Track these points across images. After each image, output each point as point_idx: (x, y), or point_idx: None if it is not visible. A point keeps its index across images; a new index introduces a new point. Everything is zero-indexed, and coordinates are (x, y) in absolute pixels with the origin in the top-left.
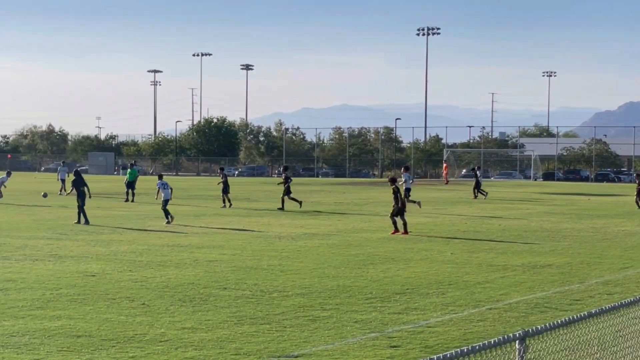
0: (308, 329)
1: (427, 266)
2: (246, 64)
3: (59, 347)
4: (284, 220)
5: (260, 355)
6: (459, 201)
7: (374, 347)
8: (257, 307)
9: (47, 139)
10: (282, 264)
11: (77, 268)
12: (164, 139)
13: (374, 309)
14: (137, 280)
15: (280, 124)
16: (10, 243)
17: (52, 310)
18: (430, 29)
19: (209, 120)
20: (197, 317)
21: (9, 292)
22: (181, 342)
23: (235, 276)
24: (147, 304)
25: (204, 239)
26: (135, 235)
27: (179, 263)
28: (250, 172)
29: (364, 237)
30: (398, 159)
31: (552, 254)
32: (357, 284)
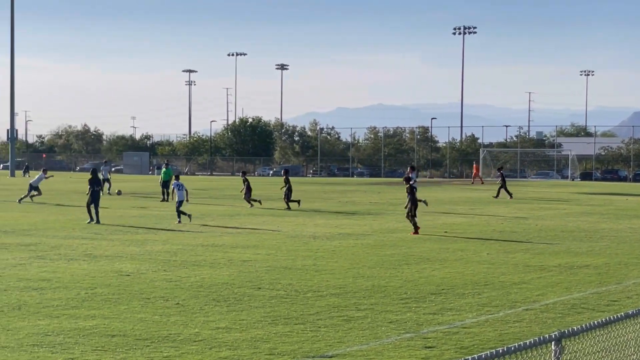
0: (342, 329)
1: (462, 266)
2: (281, 64)
3: (94, 346)
4: (319, 220)
5: (294, 356)
6: (494, 201)
7: (408, 348)
8: (292, 307)
9: (82, 138)
10: (316, 264)
11: (112, 267)
12: (199, 139)
13: (409, 310)
14: (171, 280)
15: (315, 124)
16: (45, 242)
17: (87, 310)
18: (466, 28)
19: (244, 120)
20: (231, 316)
21: (44, 292)
22: (215, 342)
23: (269, 276)
24: (181, 304)
25: (238, 238)
26: (169, 235)
27: (213, 263)
28: None
29: (399, 237)
30: (434, 159)
31: (590, 254)
32: (392, 284)
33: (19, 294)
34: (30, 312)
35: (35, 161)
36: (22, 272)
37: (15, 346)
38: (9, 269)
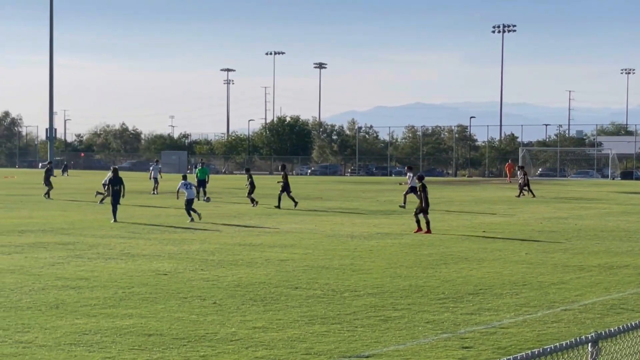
0: (379, 329)
1: (500, 266)
2: (319, 63)
3: (131, 345)
4: (357, 219)
5: (330, 355)
6: (533, 201)
7: (445, 348)
8: (329, 306)
9: (120, 137)
10: (353, 263)
11: (149, 267)
12: (237, 138)
13: (446, 310)
14: (208, 279)
15: (353, 123)
16: (83, 241)
17: (124, 309)
18: (506, 26)
19: (282, 119)
20: (268, 316)
21: (82, 290)
22: (252, 342)
23: (306, 275)
24: (218, 303)
25: (276, 238)
26: (207, 234)
27: (251, 262)
28: (323, 171)
29: (436, 237)
30: (473, 158)
31: (630, 254)
32: (429, 284)
33: (56, 293)
34: (68, 311)
35: (74, 160)
36: (60, 271)
37: (53, 345)
38: (47, 267)
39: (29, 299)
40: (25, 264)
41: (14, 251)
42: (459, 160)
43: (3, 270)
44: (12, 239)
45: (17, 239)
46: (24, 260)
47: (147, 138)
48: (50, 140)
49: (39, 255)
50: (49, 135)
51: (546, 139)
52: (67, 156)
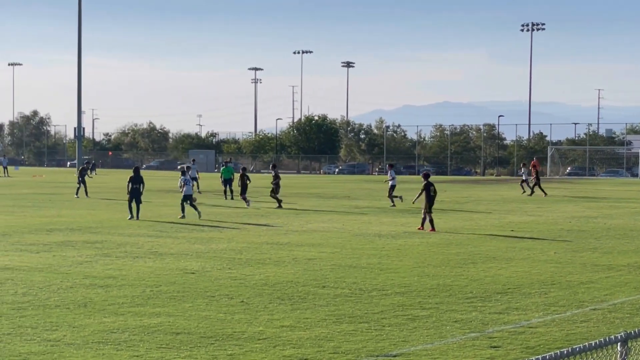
0: (407, 328)
1: (529, 265)
2: (347, 61)
3: (158, 344)
4: (384, 218)
5: (358, 354)
6: (562, 200)
7: (474, 347)
8: (356, 305)
9: (148, 136)
10: (381, 262)
11: (177, 265)
12: (265, 137)
13: (474, 309)
14: (236, 278)
15: (381, 122)
16: (111, 240)
17: (152, 307)
18: (534, 25)
19: (310, 118)
20: (295, 315)
21: (110, 289)
22: (279, 340)
23: (334, 274)
24: (246, 302)
25: (303, 236)
26: (234, 233)
27: (278, 261)
28: (351, 170)
29: (464, 236)
30: (501, 157)
31: None
32: (457, 283)
33: (84, 291)
34: (95, 310)
35: (102, 159)
36: (88, 269)
37: (81, 343)
38: (75, 266)
39: (57, 297)
40: (54, 262)
41: (43, 250)
42: (487, 159)
43: (32, 268)
44: (41, 237)
45: (46, 238)
46: (52, 259)
47: (174, 137)
48: (78, 139)
49: (67, 253)
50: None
51: (575, 138)
52: (95, 155)
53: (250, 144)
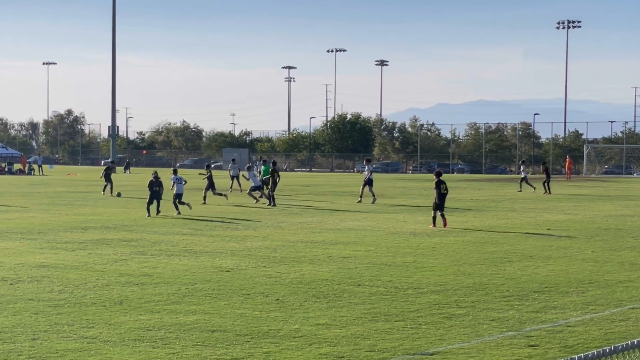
0: (443, 327)
1: (566, 264)
2: (381, 60)
3: (194, 341)
4: (419, 217)
5: (394, 353)
6: (599, 198)
7: (511, 346)
8: (392, 304)
9: (181, 135)
10: (416, 260)
11: (212, 263)
12: (298, 135)
13: (511, 307)
14: (271, 276)
15: (415, 120)
16: (146, 238)
17: (187, 305)
18: (570, 22)
19: (343, 117)
20: (331, 313)
21: (146, 287)
22: (315, 338)
23: (369, 272)
24: (281, 300)
25: (338, 235)
26: (269, 231)
27: (313, 259)
28: (385, 168)
29: (500, 234)
30: (536, 155)
31: None
32: (493, 281)
33: (120, 289)
34: (131, 307)
35: (136, 158)
36: (123, 267)
37: (117, 340)
38: (111, 264)
39: (93, 295)
40: (89, 260)
41: (78, 248)
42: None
43: (67, 266)
44: (76, 235)
45: (81, 236)
46: (88, 257)
47: (208, 136)
48: (112, 138)
49: (102, 251)
50: (112, 133)
51: (611, 136)
52: (129, 154)
53: (284, 142)
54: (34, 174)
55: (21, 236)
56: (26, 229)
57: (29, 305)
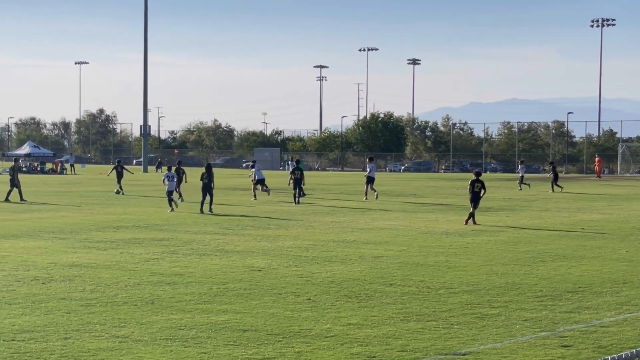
0: (476, 327)
1: (600, 264)
2: (413, 59)
3: (226, 341)
4: (452, 216)
5: (426, 353)
6: (633, 197)
7: (544, 347)
8: (424, 303)
9: (213, 134)
10: (449, 260)
11: (244, 263)
12: (330, 135)
13: (545, 308)
14: (302, 275)
15: (447, 119)
16: (177, 238)
17: (219, 305)
18: (604, 20)
19: (375, 116)
20: (362, 313)
21: (177, 286)
22: (347, 338)
23: (401, 272)
24: (312, 299)
25: (370, 234)
26: (300, 230)
27: (345, 259)
28: (417, 168)
29: (533, 234)
30: (570, 154)
31: None
32: (526, 281)
33: (152, 289)
34: (163, 307)
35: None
36: (155, 266)
37: (149, 340)
38: (143, 263)
39: (124, 294)
40: (121, 259)
41: (110, 247)
42: (555, 157)
43: (99, 265)
44: (108, 235)
45: (113, 235)
46: (120, 256)
47: (240, 135)
48: (144, 137)
49: (134, 251)
50: (143, 132)
51: None
52: (160, 153)
53: (316, 141)
54: (66, 173)
55: (53, 235)
56: (58, 228)
57: (61, 305)
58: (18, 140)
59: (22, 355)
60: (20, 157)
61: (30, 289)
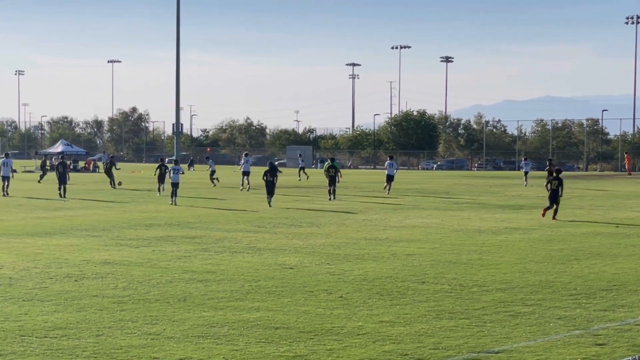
0: (509, 325)
1: (635, 262)
2: (446, 56)
3: (258, 338)
4: (484, 214)
5: (459, 350)
6: None
7: (578, 345)
8: (456, 301)
9: (245, 132)
10: (482, 258)
11: (275, 260)
12: (362, 133)
13: (578, 306)
14: (334, 273)
15: (480, 117)
16: (209, 235)
17: (251, 302)
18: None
19: (408, 113)
20: (395, 310)
21: (209, 284)
22: (379, 336)
23: (433, 270)
24: (344, 297)
25: (402, 232)
26: (332, 228)
27: (377, 256)
28: (449, 166)
29: (567, 232)
30: (604, 152)
31: None
32: (560, 279)
33: (184, 286)
34: (195, 304)
35: (200, 155)
36: (187, 264)
37: (181, 337)
38: (175, 261)
39: (156, 291)
40: (153, 257)
41: (142, 244)
42: (590, 155)
43: (132, 263)
44: (140, 232)
45: (145, 233)
46: (152, 254)
47: (272, 133)
48: (176, 135)
49: (166, 248)
50: (176, 131)
51: None
52: (193, 151)
53: (348, 139)
54: (98, 172)
55: (86, 233)
56: (91, 226)
57: (94, 302)
58: (51, 138)
59: (54, 352)
60: (53, 155)
61: (62, 287)
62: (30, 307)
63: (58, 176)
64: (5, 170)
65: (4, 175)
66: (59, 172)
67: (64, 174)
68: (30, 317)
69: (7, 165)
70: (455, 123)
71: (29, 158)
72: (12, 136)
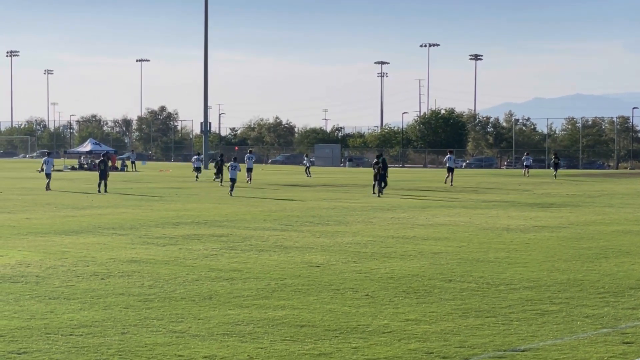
0: (536, 323)
1: None
2: (475, 54)
3: (283, 336)
4: (513, 212)
5: (485, 349)
6: None
7: (605, 343)
8: (483, 299)
9: (274, 131)
10: (509, 256)
11: (302, 259)
12: (390, 131)
13: (607, 304)
14: (361, 271)
15: (509, 115)
16: (236, 234)
17: (277, 300)
18: None
19: (437, 112)
20: (421, 309)
21: (235, 282)
22: (405, 334)
23: (460, 268)
24: (370, 295)
25: (429, 230)
26: (359, 226)
27: (404, 255)
28: (478, 164)
29: (596, 230)
30: (635, 150)
31: None
32: (588, 277)
33: (210, 284)
34: (220, 302)
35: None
36: (213, 262)
37: (206, 335)
38: (201, 259)
39: (182, 289)
40: (180, 255)
41: (169, 243)
42: (620, 153)
43: (158, 261)
44: (167, 231)
45: (172, 231)
46: (178, 252)
47: (300, 132)
48: (204, 134)
49: (192, 247)
50: (204, 129)
51: None
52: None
53: (376, 138)
54: (127, 170)
55: (113, 231)
56: (118, 225)
57: (120, 300)
58: (80, 137)
59: (79, 349)
60: (82, 154)
61: (89, 285)
62: (56, 305)
63: (100, 173)
64: (48, 167)
65: (47, 172)
66: (101, 169)
67: (105, 171)
68: (56, 315)
69: (48, 164)
70: (484, 121)
71: (57, 157)
72: (41, 135)
